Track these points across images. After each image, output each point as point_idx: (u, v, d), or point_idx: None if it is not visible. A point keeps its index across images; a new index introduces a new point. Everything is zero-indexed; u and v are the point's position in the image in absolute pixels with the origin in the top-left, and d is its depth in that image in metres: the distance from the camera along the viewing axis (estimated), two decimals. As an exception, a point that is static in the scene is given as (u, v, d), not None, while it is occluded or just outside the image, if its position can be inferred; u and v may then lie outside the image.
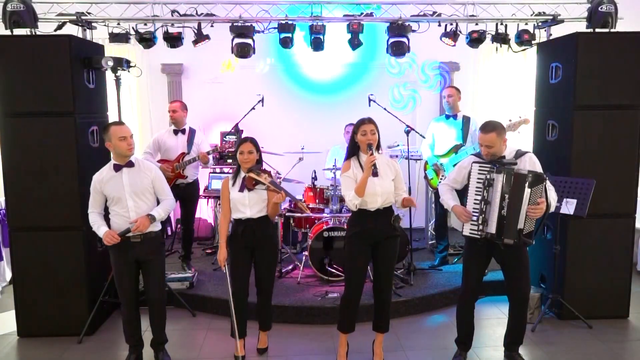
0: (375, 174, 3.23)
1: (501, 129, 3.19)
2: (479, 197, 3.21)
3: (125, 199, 3.29)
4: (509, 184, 3.12)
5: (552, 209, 3.23)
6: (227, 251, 3.46)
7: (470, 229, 3.27)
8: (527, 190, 3.09)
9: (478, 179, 3.24)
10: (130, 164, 3.34)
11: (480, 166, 3.25)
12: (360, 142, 3.31)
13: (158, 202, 3.47)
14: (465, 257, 3.46)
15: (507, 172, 3.13)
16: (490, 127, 3.18)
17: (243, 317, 3.53)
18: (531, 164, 3.25)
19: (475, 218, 3.23)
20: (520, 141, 5.38)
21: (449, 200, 3.42)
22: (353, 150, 3.39)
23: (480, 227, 3.21)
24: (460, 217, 3.28)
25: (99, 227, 3.30)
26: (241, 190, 3.41)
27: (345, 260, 3.47)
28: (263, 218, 3.44)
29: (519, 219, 3.12)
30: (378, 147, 3.37)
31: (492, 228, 3.18)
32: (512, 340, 3.43)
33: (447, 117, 5.02)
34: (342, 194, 3.40)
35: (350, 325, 3.46)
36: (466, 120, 4.93)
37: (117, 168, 3.31)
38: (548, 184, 3.18)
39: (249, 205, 3.40)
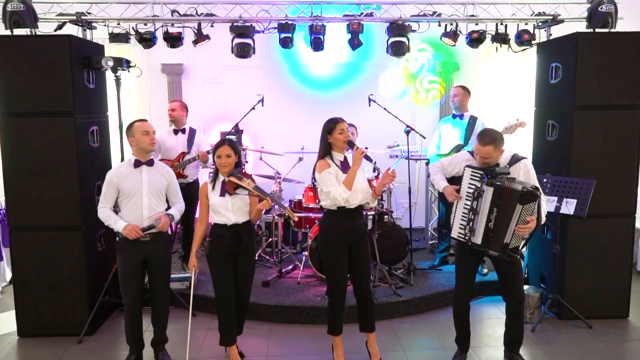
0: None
1: (500, 141, 3.12)
2: (469, 203, 3.21)
3: (141, 196, 3.31)
4: (498, 198, 3.08)
5: (543, 221, 3.19)
6: (195, 257, 3.44)
7: (458, 233, 3.27)
8: (519, 207, 3.04)
9: (469, 184, 3.22)
10: (151, 163, 3.38)
11: (472, 172, 3.22)
12: (337, 140, 3.31)
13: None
14: (456, 258, 3.47)
15: (497, 186, 3.08)
16: (489, 139, 3.10)
17: (231, 326, 3.41)
18: (525, 172, 3.21)
19: (463, 224, 3.23)
20: (520, 141, 5.40)
21: (440, 180, 3.45)
22: (327, 150, 3.37)
23: (467, 235, 3.21)
24: (449, 197, 3.29)
25: (116, 222, 3.29)
26: (222, 194, 3.29)
27: (326, 263, 3.43)
28: (247, 223, 3.35)
29: (506, 233, 3.10)
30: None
31: (478, 239, 3.18)
32: (512, 340, 3.43)
33: (454, 116, 5.02)
34: (324, 192, 3.28)
35: (341, 326, 3.48)
36: (472, 120, 4.91)
37: (137, 164, 3.34)
38: (542, 196, 3.13)
39: (232, 210, 3.29)
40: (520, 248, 3.18)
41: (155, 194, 3.37)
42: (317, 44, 4.68)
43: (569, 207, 3.92)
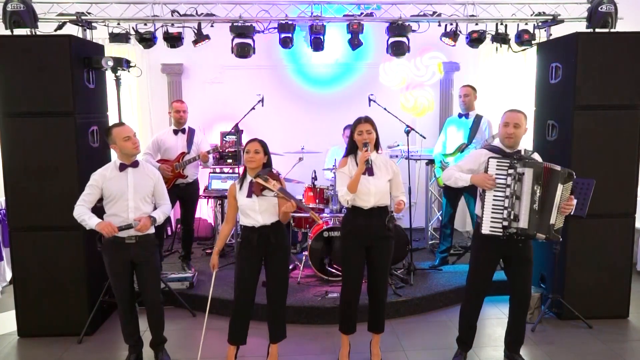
0: (370, 172, 3.26)
1: (526, 118, 3.24)
2: (501, 194, 3.12)
3: (127, 199, 3.27)
4: (540, 178, 3.07)
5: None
6: (217, 255, 3.39)
7: (492, 227, 3.14)
8: (560, 187, 3.07)
9: (497, 174, 3.13)
10: (135, 164, 3.34)
11: (498, 161, 3.14)
12: (356, 141, 3.32)
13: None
14: (475, 256, 3.37)
15: (537, 166, 3.07)
16: (518, 110, 3.23)
17: (244, 323, 3.39)
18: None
19: (500, 215, 3.13)
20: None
21: (462, 175, 3.25)
22: (351, 148, 3.39)
23: (508, 223, 3.11)
24: (486, 184, 3.13)
25: (90, 218, 3.20)
26: (249, 195, 3.22)
27: (341, 260, 3.47)
28: (276, 224, 3.28)
29: (552, 214, 3.09)
30: (377, 147, 3.39)
31: (524, 223, 3.09)
32: (513, 340, 3.42)
33: (460, 116, 5.03)
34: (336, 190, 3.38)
35: (352, 325, 3.46)
36: (477, 119, 4.91)
37: (123, 167, 3.30)
38: None
39: (260, 211, 3.22)
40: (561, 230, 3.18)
41: (142, 196, 3.32)
42: (317, 44, 4.68)
43: (569, 207, 3.92)
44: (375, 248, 3.35)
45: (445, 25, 4.68)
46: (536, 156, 3.27)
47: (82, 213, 3.24)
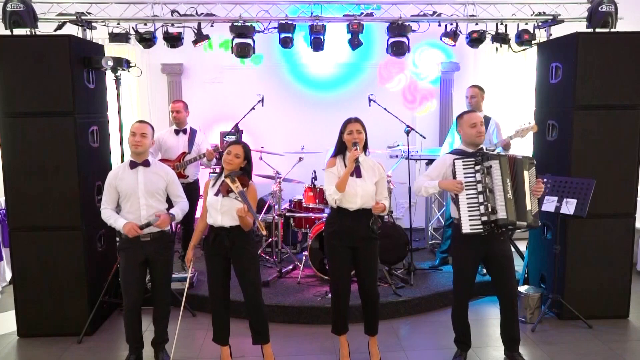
0: (358, 174, 3.28)
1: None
2: (474, 191, 3.16)
3: (138, 197, 3.31)
4: (507, 168, 3.14)
5: None
6: (193, 253, 3.45)
7: (472, 225, 3.17)
8: (526, 173, 3.17)
9: (465, 174, 3.18)
10: (147, 163, 3.37)
11: (463, 162, 3.20)
12: (346, 141, 3.32)
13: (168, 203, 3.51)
14: (455, 257, 3.43)
15: (502, 157, 3.16)
16: (474, 110, 3.53)
17: (221, 322, 3.40)
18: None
19: (477, 212, 3.15)
20: (520, 141, 5.38)
21: (430, 182, 3.30)
22: (340, 149, 3.38)
23: (487, 217, 3.13)
24: (455, 189, 3.17)
25: (117, 220, 3.30)
26: (216, 194, 3.25)
27: (328, 261, 3.46)
28: (235, 228, 3.24)
29: (526, 200, 3.15)
30: (365, 149, 3.39)
31: (503, 213, 3.11)
32: (509, 338, 3.42)
33: None
34: (324, 189, 3.34)
35: (342, 325, 3.47)
36: (485, 120, 4.80)
37: (133, 165, 3.34)
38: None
39: (221, 211, 3.22)
40: (539, 215, 3.26)
41: (152, 194, 3.35)
42: (317, 44, 4.68)
43: (569, 207, 3.92)
44: (361, 249, 3.35)
45: (445, 25, 4.68)
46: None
47: (109, 216, 3.34)
